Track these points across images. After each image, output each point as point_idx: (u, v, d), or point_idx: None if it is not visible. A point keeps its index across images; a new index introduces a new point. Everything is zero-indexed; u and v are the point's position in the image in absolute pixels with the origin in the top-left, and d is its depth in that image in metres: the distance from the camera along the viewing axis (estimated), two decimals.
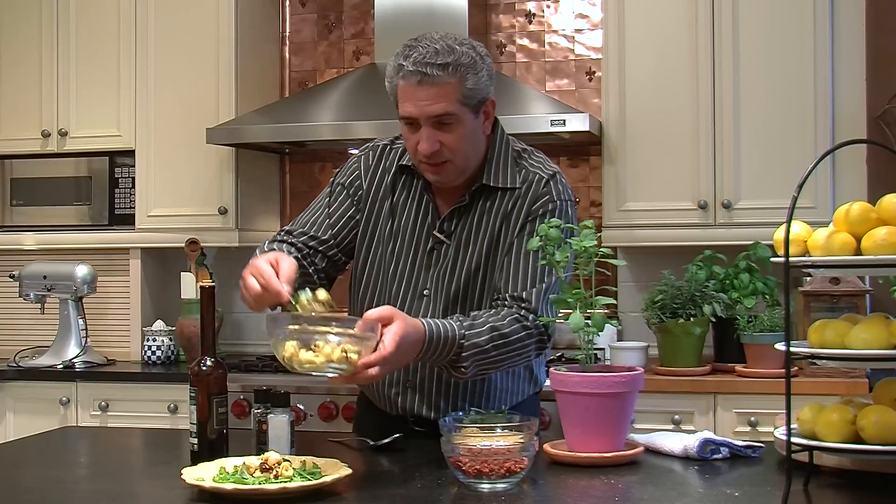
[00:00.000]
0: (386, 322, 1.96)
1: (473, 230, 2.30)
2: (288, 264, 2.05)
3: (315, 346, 1.89)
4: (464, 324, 2.12)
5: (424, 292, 2.31)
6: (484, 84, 2.22)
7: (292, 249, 2.28)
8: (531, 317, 2.17)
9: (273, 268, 2.03)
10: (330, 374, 1.91)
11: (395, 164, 2.36)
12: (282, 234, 2.37)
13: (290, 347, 1.90)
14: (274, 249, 2.24)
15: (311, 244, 2.33)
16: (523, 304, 2.20)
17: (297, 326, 1.92)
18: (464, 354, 2.09)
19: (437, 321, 2.09)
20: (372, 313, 1.96)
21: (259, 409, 2.09)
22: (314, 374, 1.91)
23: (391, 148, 2.39)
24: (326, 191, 2.41)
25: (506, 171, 2.31)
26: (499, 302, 2.24)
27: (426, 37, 2.21)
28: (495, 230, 2.29)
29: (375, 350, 1.92)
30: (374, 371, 1.92)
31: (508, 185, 2.29)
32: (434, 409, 2.30)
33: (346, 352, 1.89)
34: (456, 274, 2.29)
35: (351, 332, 1.91)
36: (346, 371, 1.90)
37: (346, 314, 2.08)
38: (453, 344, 2.08)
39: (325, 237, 2.34)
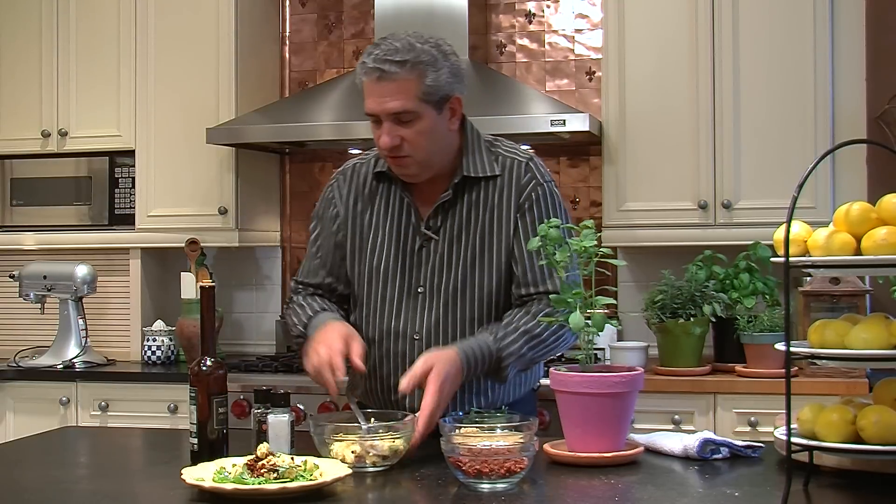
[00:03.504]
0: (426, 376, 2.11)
1: (464, 224, 2.33)
2: (359, 345, 2.21)
3: (363, 448, 1.98)
4: (498, 335, 2.23)
5: (419, 290, 2.34)
6: (445, 81, 2.25)
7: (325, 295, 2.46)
8: None
9: (346, 345, 2.19)
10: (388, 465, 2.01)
11: (369, 174, 2.41)
12: (300, 287, 2.48)
13: (338, 449, 1.99)
14: (316, 302, 2.42)
15: (320, 291, 2.46)
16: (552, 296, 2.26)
17: (341, 433, 2.01)
18: (503, 364, 2.23)
19: (469, 343, 2.22)
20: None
21: (259, 409, 2.10)
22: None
23: (360, 163, 2.45)
24: (311, 227, 2.50)
25: (482, 159, 2.36)
26: (525, 298, 2.31)
27: (393, 35, 2.27)
28: (485, 222, 2.33)
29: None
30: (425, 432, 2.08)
31: (488, 174, 2.34)
32: None
33: (394, 446, 2.00)
34: (452, 269, 2.32)
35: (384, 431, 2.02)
36: (398, 455, 2.01)
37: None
38: (491, 358, 2.22)
39: (328, 281, 2.45)
